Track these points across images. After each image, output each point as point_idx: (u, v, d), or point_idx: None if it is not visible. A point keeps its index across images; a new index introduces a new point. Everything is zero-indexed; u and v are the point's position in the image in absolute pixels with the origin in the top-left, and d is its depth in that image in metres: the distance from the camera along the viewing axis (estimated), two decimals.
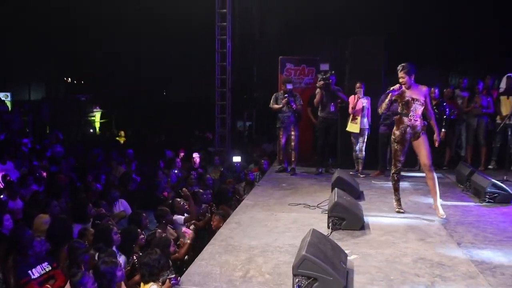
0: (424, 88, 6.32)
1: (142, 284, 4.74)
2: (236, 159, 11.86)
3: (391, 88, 6.27)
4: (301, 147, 10.15)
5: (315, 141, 10.13)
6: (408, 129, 6.35)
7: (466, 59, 14.46)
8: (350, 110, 9.39)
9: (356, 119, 9.34)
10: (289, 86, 9.58)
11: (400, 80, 6.24)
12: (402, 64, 6.25)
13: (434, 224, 6.16)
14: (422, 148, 6.32)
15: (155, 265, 4.77)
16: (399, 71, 6.23)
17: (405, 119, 6.36)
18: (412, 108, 6.28)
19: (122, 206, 8.04)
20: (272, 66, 12.43)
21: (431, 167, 6.33)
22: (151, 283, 4.70)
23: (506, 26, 13.03)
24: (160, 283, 4.62)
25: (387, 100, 6.41)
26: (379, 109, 6.77)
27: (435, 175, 6.34)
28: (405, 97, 6.29)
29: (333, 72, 9.64)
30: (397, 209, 6.73)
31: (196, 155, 12.20)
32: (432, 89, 9.79)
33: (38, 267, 5.20)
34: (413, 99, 6.26)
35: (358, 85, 9.35)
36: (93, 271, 4.89)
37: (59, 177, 9.51)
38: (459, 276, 4.40)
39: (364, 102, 9.33)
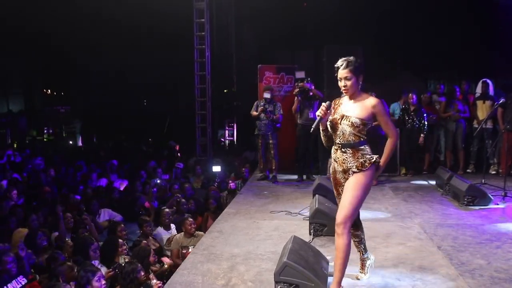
0: (373, 100, 4.07)
1: None
2: (216, 168, 11.84)
3: (319, 114, 4.13)
4: (282, 155, 10.19)
5: (296, 149, 10.16)
6: (336, 165, 4.24)
7: (441, 66, 14.68)
8: None
9: None
10: (266, 95, 9.67)
11: (342, 84, 4.10)
12: (346, 58, 4.10)
13: (414, 228, 6.22)
14: (345, 194, 4.07)
15: (128, 275, 4.87)
16: (341, 68, 4.08)
17: (333, 149, 4.30)
18: (338, 132, 4.12)
19: (106, 215, 8.01)
20: (252, 74, 12.47)
21: (344, 226, 3.98)
22: None
23: (478, 32, 13.27)
24: None
25: (321, 131, 4.32)
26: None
27: (346, 240, 3.98)
28: (336, 113, 4.16)
29: (309, 79, 9.73)
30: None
31: (178, 165, 12.19)
32: (410, 95, 9.93)
33: (14, 281, 5.13)
34: (342, 116, 4.09)
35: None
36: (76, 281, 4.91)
37: (40, 189, 9.41)
38: (439, 279, 4.45)
39: None
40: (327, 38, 12.39)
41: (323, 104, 4.14)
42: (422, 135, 9.78)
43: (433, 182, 9.20)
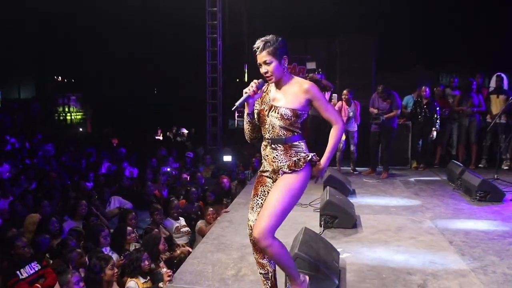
0: (305, 85, 3.38)
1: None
2: (227, 158, 11.83)
3: (246, 92, 3.39)
4: None
5: (307, 140, 10.13)
6: (265, 163, 3.58)
7: (454, 58, 14.55)
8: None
9: None
10: None
11: (262, 70, 3.40)
12: (264, 38, 3.39)
13: (425, 222, 6.17)
14: (269, 198, 3.40)
15: (132, 263, 4.91)
16: (258, 52, 3.37)
17: (262, 145, 3.59)
18: (267, 125, 3.46)
19: (117, 202, 8.04)
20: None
21: (264, 239, 3.28)
22: (129, 279, 4.83)
23: (493, 25, 13.12)
24: (140, 279, 4.90)
25: (245, 116, 3.56)
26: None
27: (275, 250, 3.34)
28: (264, 102, 3.49)
29: (320, 70, 9.66)
30: None
31: (188, 154, 12.21)
32: (423, 87, 9.83)
33: (27, 267, 5.17)
34: (271, 107, 3.43)
35: (345, 92, 9.32)
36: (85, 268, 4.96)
37: (50, 176, 9.46)
38: (451, 274, 4.41)
39: (351, 112, 9.30)
40: (340, 28, 12.32)
41: (254, 80, 3.41)
42: (433, 129, 9.69)
43: (444, 176, 9.13)
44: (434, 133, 9.70)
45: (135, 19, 21.12)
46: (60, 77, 30.18)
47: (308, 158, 3.41)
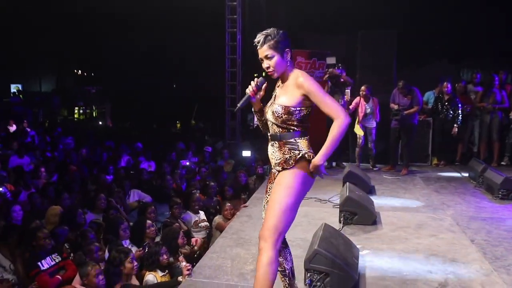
0: (300, 79, 3.19)
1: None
2: (246, 153, 11.81)
3: (247, 91, 3.35)
4: (313, 141, 10.08)
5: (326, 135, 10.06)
6: (273, 162, 3.39)
7: (476, 54, 14.34)
8: (351, 109, 9.31)
9: (360, 122, 9.27)
10: None
11: (264, 66, 3.27)
12: (264, 31, 3.25)
13: (446, 220, 6.09)
14: (270, 199, 3.28)
15: (151, 256, 4.94)
16: (258, 46, 3.25)
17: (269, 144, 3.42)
18: (268, 122, 3.38)
19: (136, 196, 8.09)
20: None
21: (266, 239, 3.12)
22: (147, 272, 4.86)
23: None
24: (158, 273, 4.94)
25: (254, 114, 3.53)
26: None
27: (266, 259, 3.08)
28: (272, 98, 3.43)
29: (339, 65, 9.56)
30: None
31: (207, 149, 12.24)
32: (445, 83, 9.70)
33: (48, 258, 5.23)
34: (271, 104, 3.35)
35: (363, 88, 9.23)
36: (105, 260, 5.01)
37: (70, 168, 9.55)
38: (472, 273, 4.34)
39: (368, 108, 9.21)
40: (360, 23, 12.21)
41: (255, 79, 3.34)
42: (455, 125, 9.55)
43: (465, 174, 9.01)
44: (456, 130, 9.56)
45: (155, 12, 21.19)
46: (80, 71, 30.49)
47: (299, 156, 3.26)
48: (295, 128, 3.29)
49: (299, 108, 3.23)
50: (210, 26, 17.56)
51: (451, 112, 9.60)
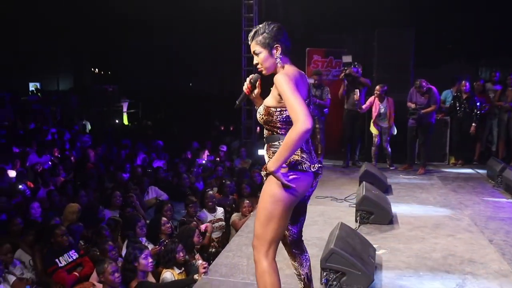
0: (276, 76, 2.94)
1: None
2: (261, 152, 11.80)
3: (244, 89, 3.22)
4: (329, 140, 10.06)
5: (343, 134, 10.02)
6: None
7: (494, 52, 14.17)
8: (364, 109, 9.27)
9: (374, 121, 9.21)
10: (310, 80, 9.47)
11: (254, 62, 3.15)
12: (256, 26, 3.16)
13: (464, 220, 6.03)
14: (257, 207, 3.11)
15: (167, 254, 4.97)
16: (250, 41, 3.15)
17: None
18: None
19: (154, 193, 8.13)
20: (298, 57, 12.31)
21: (256, 249, 3.09)
22: (164, 270, 4.89)
23: None
24: (175, 270, 4.96)
25: None
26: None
27: (259, 269, 3.06)
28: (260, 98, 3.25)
29: (356, 63, 9.48)
30: None
31: (222, 147, 12.26)
32: (463, 82, 9.60)
33: (65, 255, 5.29)
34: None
35: (377, 88, 9.14)
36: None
37: (87, 166, 9.64)
38: (491, 274, 4.30)
39: (382, 108, 9.13)
40: (377, 20, 12.13)
41: (250, 75, 3.22)
42: (473, 124, 9.45)
43: (484, 173, 8.91)
44: (474, 128, 9.45)
45: (172, 12, 21.28)
46: (97, 69, 30.75)
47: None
48: (278, 131, 3.02)
49: (280, 109, 2.97)
50: (226, 24, 17.56)
51: (469, 110, 9.50)
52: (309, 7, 15.43)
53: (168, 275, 4.89)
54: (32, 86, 23.82)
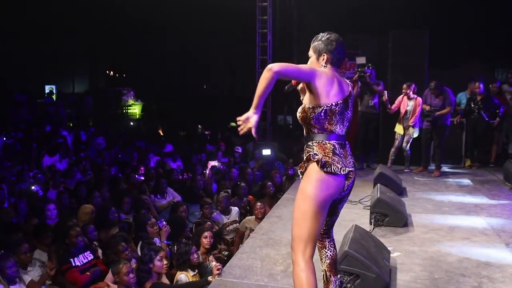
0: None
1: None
2: (266, 152, 11.74)
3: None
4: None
5: (357, 136, 9.98)
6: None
7: (510, 54, 14.01)
8: (393, 109, 9.23)
9: (401, 120, 9.16)
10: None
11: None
12: (322, 33, 3.32)
13: (480, 223, 5.97)
14: (293, 208, 3.14)
15: (182, 256, 4.99)
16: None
17: None
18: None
19: (170, 194, 8.17)
20: None
21: (293, 251, 3.12)
22: (179, 272, 4.91)
23: None
24: (189, 272, 4.99)
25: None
26: None
27: (296, 271, 3.05)
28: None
29: (370, 65, 9.42)
30: None
31: (237, 149, 12.28)
32: (477, 84, 9.53)
33: (81, 256, 5.33)
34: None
35: (404, 86, 9.08)
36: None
37: (102, 168, 9.70)
38: (508, 277, 4.25)
39: (408, 105, 9.07)
40: (391, 21, 12.06)
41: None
42: (497, 119, 9.41)
43: (500, 176, 8.80)
44: (497, 122, 9.42)
45: (186, 13, 21.35)
46: (112, 72, 30.96)
47: (305, 158, 3.10)
48: (313, 129, 3.10)
49: (313, 107, 3.05)
50: (241, 26, 17.58)
51: (486, 111, 9.43)
52: (323, 9, 15.37)
53: (183, 277, 4.92)
54: (48, 89, 24.05)
